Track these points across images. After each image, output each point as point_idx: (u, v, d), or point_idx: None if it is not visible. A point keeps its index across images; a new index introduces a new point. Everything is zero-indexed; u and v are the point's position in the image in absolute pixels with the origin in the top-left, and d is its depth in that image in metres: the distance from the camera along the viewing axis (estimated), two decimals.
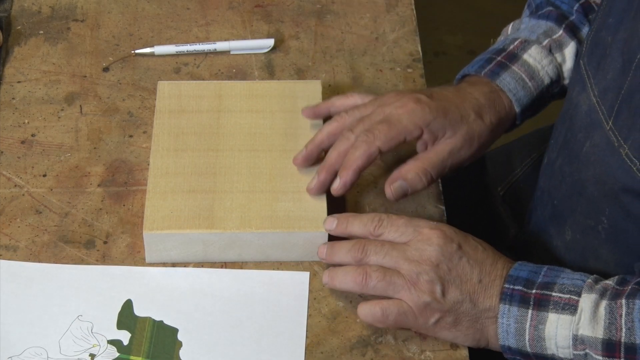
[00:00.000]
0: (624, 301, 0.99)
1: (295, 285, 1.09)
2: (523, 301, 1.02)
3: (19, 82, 1.27)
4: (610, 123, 1.06)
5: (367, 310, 1.03)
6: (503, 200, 1.37)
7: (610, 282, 1.02)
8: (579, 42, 1.20)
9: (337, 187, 1.10)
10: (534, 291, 1.02)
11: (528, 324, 1.01)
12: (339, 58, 1.31)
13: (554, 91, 1.21)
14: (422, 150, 1.13)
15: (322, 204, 1.10)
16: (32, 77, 1.27)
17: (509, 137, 1.45)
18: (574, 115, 1.13)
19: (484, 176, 1.40)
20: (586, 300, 1.00)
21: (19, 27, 1.33)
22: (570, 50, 1.20)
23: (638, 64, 1.02)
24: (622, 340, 0.98)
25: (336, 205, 1.15)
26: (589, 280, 1.02)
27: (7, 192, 1.16)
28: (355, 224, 1.07)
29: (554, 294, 1.01)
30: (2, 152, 1.19)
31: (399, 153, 1.19)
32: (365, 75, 1.29)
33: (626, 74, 1.04)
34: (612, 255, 1.11)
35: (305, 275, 1.10)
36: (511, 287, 1.02)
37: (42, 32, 1.33)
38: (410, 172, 1.11)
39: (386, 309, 1.03)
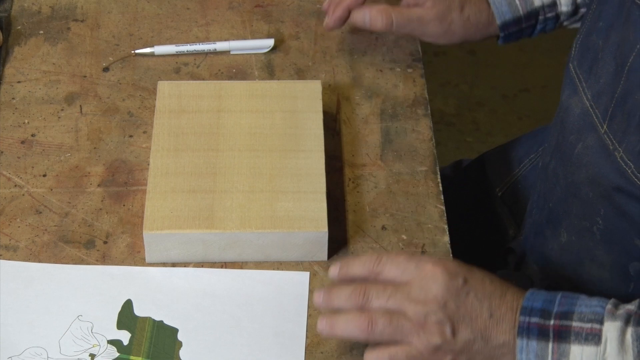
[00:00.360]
0: None
1: (295, 285, 1.09)
2: (542, 334, 0.96)
3: (19, 82, 1.27)
4: (605, 127, 1.06)
5: (374, 359, 0.98)
6: (502, 201, 1.37)
7: (632, 307, 0.97)
8: None
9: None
10: (552, 322, 0.96)
11: (550, 358, 0.96)
12: (339, 58, 1.31)
13: (546, 15, 1.26)
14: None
15: (322, 204, 1.10)
16: (32, 77, 1.27)
17: (508, 137, 1.46)
18: (565, 118, 1.13)
19: (483, 176, 1.40)
20: (610, 329, 0.95)
21: (19, 27, 1.33)
22: None
23: (630, 68, 1.02)
24: None
25: (336, 205, 1.15)
26: (609, 306, 0.97)
27: (7, 192, 1.16)
28: (355, 265, 1.02)
29: (574, 323, 0.96)
30: (2, 152, 1.19)
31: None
32: (365, 75, 1.29)
33: (619, 78, 1.04)
34: (608, 256, 1.10)
35: (305, 275, 1.10)
36: (527, 319, 0.97)
37: (42, 32, 1.33)
38: (375, 9, 1.24)
39: (394, 356, 0.97)
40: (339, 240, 1.12)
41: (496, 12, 1.26)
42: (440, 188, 1.18)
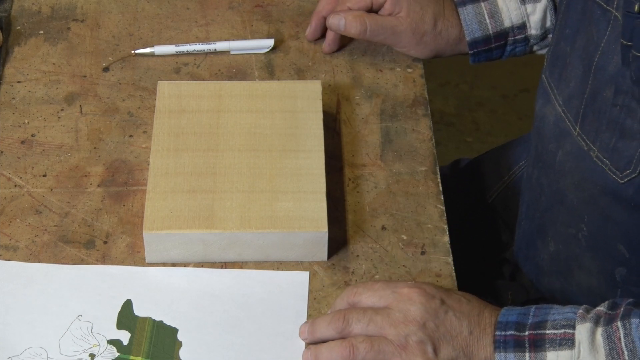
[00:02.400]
0: (619, 323, 0.97)
1: (295, 285, 1.09)
2: (518, 345, 0.98)
3: (19, 82, 1.27)
4: (577, 129, 1.07)
5: None
6: (492, 207, 1.37)
7: (601, 309, 1.00)
8: (554, 4, 1.28)
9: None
10: (526, 333, 0.99)
11: None
12: (339, 58, 1.31)
13: (516, 37, 1.28)
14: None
15: (322, 204, 1.10)
16: (32, 77, 1.27)
17: (508, 137, 1.45)
18: (541, 127, 1.15)
19: (479, 178, 1.40)
20: (582, 331, 0.97)
21: (19, 27, 1.33)
22: (542, 5, 1.27)
23: (596, 67, 1.04)
24: None
25: (336, 205, 1.15)
26: (580, 311, 0.99)
27: (7, 192, 1.16)
28: (336, 301, 1.04)
29: (547, 331, 0.98)
30: (2, 152, 1.19)
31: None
32: (365, 75, 1.29)
33: (587, 78, 1.05)
34: (594, 262, 1.11)
35: (305, 275, 1.10)
36: (503, 333, 0.99)
37: (42, 32, 1.33)
38: (351, 15, 1.27)
39: None
40: (339, 240, 1.12)
41: (466, 29, 1.28)
42: (440, 188, 1.18)
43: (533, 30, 1.28)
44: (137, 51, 1.30)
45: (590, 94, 1.05)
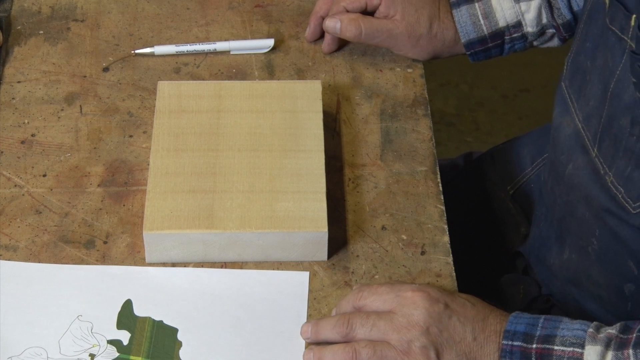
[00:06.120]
0: (631, 351, 0.95)
1: (295, 285, 1.09)
2: (524, 357, 0.97)
3: (19, 82, 1.27)
4: (595, 150, 1.06)
5: None
6: (513, 199, 1.36)
7: (613, 331, 0.98)
8: (549, 2, 1.28)
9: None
10: (534, 346, 0.97)
11: None
12: (339, 58, 1.31)
13: (512, 35, 1.28)
14: None
15: (322, 204, 1.10)
16: (32, 77, 1.27)
17: (508, 137, 1.45)
18: (556, 136, 1.14)
19: (493, 172, 1.39)
20: (591, 353, 0.96)
21: (19, 27, 1.33)
22: (536, 2, 1.27)
23: (612, 94, 1.03)
24: None
25: (336, 205, 1.15)
26: (590, 329, 0.98)
27: (7, 192, 1.16)
28: (341, 303, 1.04)
29: (556, 347, 0.97)
30: (2, 152, 1.19)
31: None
32: (365, 75, 1.29)
33: (604, 101, 1.04)
34: (602, 276, 1.10)
35: (305, 275, 1.10)
36: (510, 343, 0.98)
37: (42, 32, 1.33)
38: (346, 18, 1.27)
39: None
40: (339, 240, 1.12)
41: (461, 31, 1.28)
42: (440, 188, 1.18)
43: (529, 27, 1.28)
44: (137, 51, 1.30)
45: (606, 118, 1.04)
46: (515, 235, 1.33)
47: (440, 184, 1.18)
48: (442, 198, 1.17)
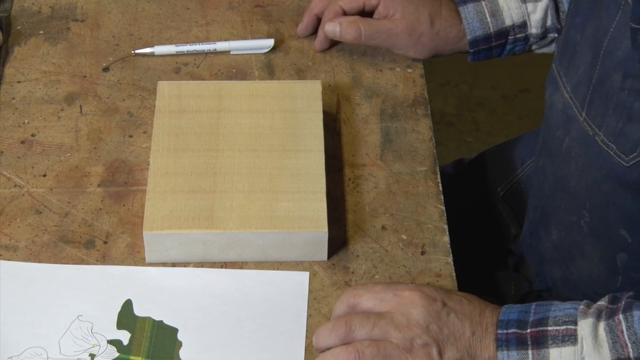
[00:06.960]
0: (621, 316, 0.97)
1: (295, 285, 1.09)
2: (520, 343, 0.99)
3: (19, 82, 1.27)
4: (583, 114, 1.07)
5: None
6: (503, 200, 1.37)
7: (602, 303, 1.00)
8: (555, 4, 1.29)
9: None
10: (528, 330, 0.99)
11: None
12: (339, 58, 1.31)
13: (516, 35, 1.29)
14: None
15: (322, 204, 1.10)
16: (32, 77, 1.27)
17: (508, 137, 1.45)
18: (549, 115, 1.15)
19: (484, 174, 1.40)
20: (584, 327, 0.98)
21: (19, 27, 1.33)
22: (543, 4, 1.28)
23: (605, 51, 1.04)
24: (631, 355, 0.96)
25: (336, 205, 1.15)
26: (581, 306, 1.00)
27: (7, 192, 1.16)
28: (336, 306, 1.04)
29: (549, 328, 0.99)
30: (2, 152, 1.19)
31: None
32: (365, 75, 1.29)
33: (595, 64, 1.05)
34: (595, 249, 1.11)
35: (305, 275, 1.10)
36: (505, 331, 1.00)
37: (42, 32, 1.33)
38: (345, 22, 1.27)
39: None
40: (339, 240, 1.12)
41: (467, 27, 1.28)
42: (440, 188, 1.18)
43: (533, 29, 1.28)
44: (137, 51, 1.30)
45: (597, 79, 1.05)
46: (506, 236, 1.34)
47: (440, 184, 1.18)
48: (442, 198, 1.17)
